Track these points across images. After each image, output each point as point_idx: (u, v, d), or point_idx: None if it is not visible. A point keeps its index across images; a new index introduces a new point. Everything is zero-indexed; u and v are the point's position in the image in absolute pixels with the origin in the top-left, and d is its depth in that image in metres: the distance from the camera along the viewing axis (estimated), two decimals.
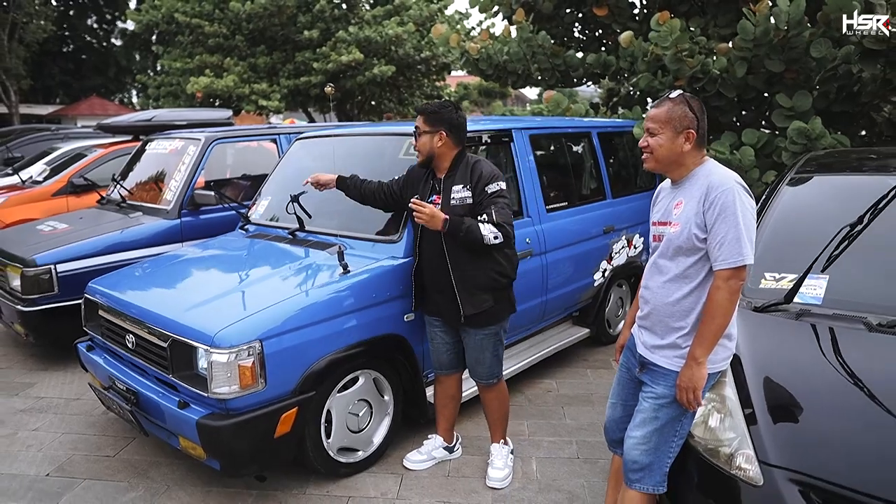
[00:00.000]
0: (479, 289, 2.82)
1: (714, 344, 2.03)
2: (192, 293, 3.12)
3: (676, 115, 2.07)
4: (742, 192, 1.99)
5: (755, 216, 2.04)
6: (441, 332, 3.06)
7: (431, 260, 2.89)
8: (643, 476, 2.14)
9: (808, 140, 4.68)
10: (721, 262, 1.98)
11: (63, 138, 10.42)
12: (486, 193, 2.77)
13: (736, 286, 1.99)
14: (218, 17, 17.57)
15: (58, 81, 29.46)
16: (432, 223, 2.66)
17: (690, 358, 2.04)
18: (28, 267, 4.23)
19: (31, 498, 2.95)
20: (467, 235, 2.68)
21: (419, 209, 2.66)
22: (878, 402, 1.95)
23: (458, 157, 2.89)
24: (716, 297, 2.00)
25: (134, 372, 3.04)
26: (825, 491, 1.79)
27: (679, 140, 2.08)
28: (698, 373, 2.02)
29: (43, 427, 3.64)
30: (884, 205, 2.48)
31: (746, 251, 1.96)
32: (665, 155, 2.10)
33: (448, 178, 2.86)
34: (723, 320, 2.01)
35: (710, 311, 2.01)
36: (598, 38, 7.24)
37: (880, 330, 2.21)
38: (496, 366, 3.00)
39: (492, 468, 3.06)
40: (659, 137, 2.09)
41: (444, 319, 3.02)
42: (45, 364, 4.61)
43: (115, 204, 5.29)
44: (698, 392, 2.03)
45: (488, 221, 2.71)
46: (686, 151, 2.09)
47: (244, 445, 2.61)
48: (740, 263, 1.96)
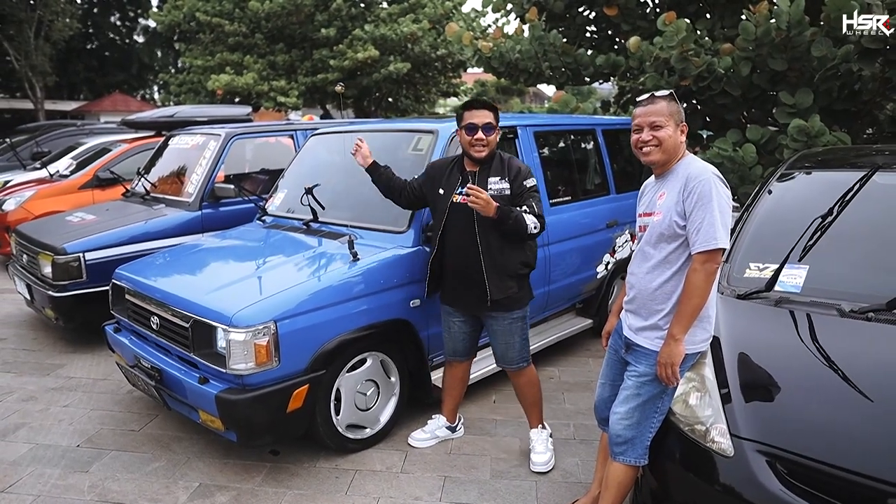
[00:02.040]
0: (507, 275, 2.99)
1: (691, 323, 2.20)
2: (212, 278, 3.34)
3: (675, 110, 2.26)
4: (718, 182, 2.17)
5: (731, 205, 2.21)
6: (459, 321, 3.20)
7: (459, 247, 3.01)
8: (626, 449, 2.33)
9: (808, 137, 4.80)
10: (698, 245, 2.15)
11: (88, 133, 10.73)
12: (526, 187, 2.97)
13: (711, 269, 2.15)
14: (238, 16, 17.91)
15: (82, 78, 30.04)
16: (487, 209, 2.79)
17: (669, 336, 2.21)
18: (59, 255, 4.48)
19: (64, 465, 3.19)
20: (515, 224, 2.85)
21: (477, 195, 2.75)
22: (844, 380, 2.10)
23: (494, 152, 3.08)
24: (693, 279, 2.17)
25: (158, 351, 3.26)
26: (790, 461, 1.94)
27: (678, 132, 2.27)
28: (676, 349, 2.19)
29: (73, 404, 3.88)
30: (853, 197, 2.64)
31: (721, 235, 2.12)
32: (671, 146, 2.27)
33: (483, 171, 3.03)
34: (699, 301, 2.17)
35: (687, 291, 2.18)
36: (609, 37, 7.37)
37: (851, 316, 2.35)
38: (525, 350, 3.14)
39: (534, 453, 3.18)
40: (666, 129, 2.25)
41: (465, 307, 3.14)
42: (74, 347, 4.87)
43: (140, 196, 5.54)
44: (676, 368, 2.20)
45: (531, 213, 2.91)
46: (682, 143, 2.28)
47: (259, 418, 2.82)
48: (714, 246, 2.12)
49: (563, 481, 3.03)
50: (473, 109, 3.00)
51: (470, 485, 3.01)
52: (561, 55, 6.49)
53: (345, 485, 3.01)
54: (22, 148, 10.76)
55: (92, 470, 3.15)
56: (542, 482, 3.03)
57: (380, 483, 3.02)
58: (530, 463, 3.16)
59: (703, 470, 2.11)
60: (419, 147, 3.69)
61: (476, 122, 2.96)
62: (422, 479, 3.06)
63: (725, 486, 2.01)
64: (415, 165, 3.59)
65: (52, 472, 3.12)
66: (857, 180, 2.74)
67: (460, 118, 3.05)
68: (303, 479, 3.07)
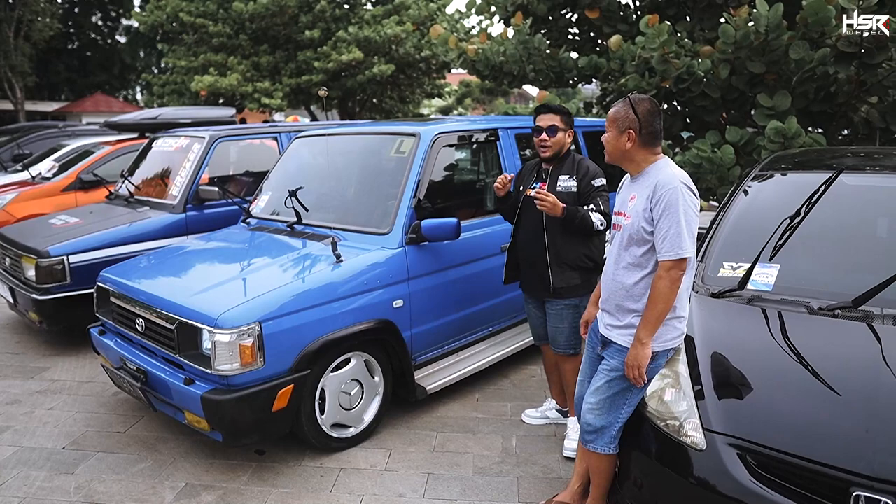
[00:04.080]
0: (570, 266, 3.17)
1: (657, 327, 2.29)
2: (197, 280, 3.36)
3: (620, 116, 2.33)
4: (686, 191, 2.25)
5: (698, 213, 2.31)
6: (533, 306, 3.43)
7: (529, 239, 3.26)
8: (596, 438, 2.44)
9: (786, 139, 4.91)
10: (664, 253, 2.24)
11: (70, 135, 10.64)
12: (594, 186, 3.16)
13: (676, 276, 2.24)
14: (222, 16, 17.85)
15: (63, 78, 29.74)
16: (553, 210, 2.98)
17: (636, 339, 2.30)
18: (42, 258, 4.47)
19: (49, 467, 3.20)
20: (581, 222, 3.04)
21: (543, 198, 2.95)
22: (813, 375, 2.18)
23: (567, 152, 3.28)
24: (658, 286, 2.26)
25: (143, 353, 3.29)
26: (760, 454, 2.01)
27: (622, 139, 2.34)
28: (642, 353, 2.29)
29: (58, 406, 3.89)
30: (821, 198, 2.74)
31: (686, 245, 2.22)
32: (611, 150, 2.40)
33: (556, 169, 3.23)
34: (664, 307, 2.26)
35: (652, 297, 2.27)
36: (591, 39, 7.46)
37: (819, 313, 2.43)
38: (573, 337, 3.27)
39: (568, 440, 3.32)
40: (607, 134, 2.39)
41: (532, 292, 3.36)
42: (58, 350, 4.86)
43: (124, 199, 5.53)
44: (642, 370, 2.30)
45: (597, 211, 3.09)
46: (629, 149, 2.35)
47: (244, 418, 2.86)
48: (680, 256, 2.21)
49: (543, 477, 3.10)
50: (542, 113, 3.24)
51: (453, 481, 3.06)
52: (545, 58, 6.57)
53: (329, 483, 3.05)
54: (2, 150, 10.65)
55: (78, 471, 3.16)
56: (523, 478, 3.09)
57: (364, 481, 3.07)
58: (563, 449, 3.30)
59: (676, 463, 2.18)
60: (402, 149, 3.74)
61: (541, 125, 3.21)
62: (405, 476, 3.11)
63: (698, 478, 2.08)
64: (398, 168, 3.64)
65: (37, 474, 3.13)
66: (825, 181, 2.84)
67: (534, 122, 3.27)
68: (288, 477, 3.10)
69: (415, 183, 3.53)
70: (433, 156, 3.66)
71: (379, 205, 3.69)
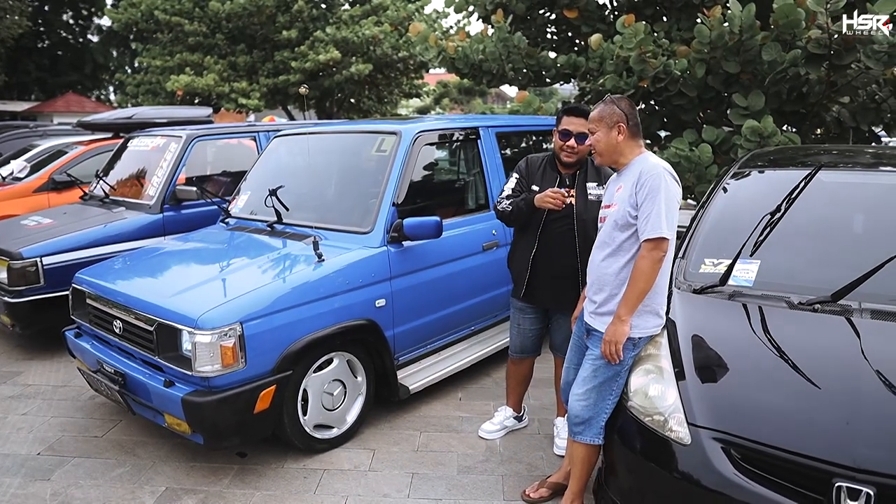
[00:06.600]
0: None
1: (636, 305, 2.37)
2: (176, 281, 3.31)
3: (607, 113, 2.44)
4: (668, 178, 2.35)
5: (679, 200, 2.38)
6: (532, 318, 3.24)
7: (556, 245, 3.04)
8: (584, 429, 2.48)
9: (761, 138, 4.98)
10: (646, 233, 2.33)
11: (42, 135, 10.43)
12: None
13: (657, 256, 2.33)
14: (198, 15, 17.63)
15: (33, 78, 29.10)
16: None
17: (616, 316, 2.38)
18: (15, 260, 4.37)
19: (24, 474, 3.12)
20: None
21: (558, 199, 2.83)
22: (793, 369, 2.20)
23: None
24: (640, 265, 2.35)
25: (121, 355, 3.22)
26: (743, 447, 2.04)
27: (613, 133, 2.43)
28: (620, 329, 2.36)
29: (32, 412, 3.80)
30: (800, 194, 2.79)
31: (664, 226, 2.31)
32: (603, 148, 2.47)
33: (582, 175, 3.07)
34: (644, 285, 2.35)
35: (634, 276, 2.36)
36: (569, 38, 7.50)
37: (799, 308, 2.47)
38: None
39: (558, 438, 3.32)
40: (597, 134, 2.46)
41: (550, 301, 3.14)
42: (32, 353, 4.76)
43: (99, 199, 5.44)
44: (619, 346, 2.37)
45: None
46: (621, 142, 2.44)
47: (226, 420, 2.82)
48: (658, 235, 2.30)
49: (528, 475, 3.10)
50: (573, 116, 2.98)
51: (438, 481, 3.05)
52: (524, 57, 6.59)
53: (313, 484, 3.02)
54: None
55: (54, 478, 3.09)
56: (508, 476, 3.09)
57: (348, 482, 3.04)
58: (554, 446, 3.32)
59: (662, 458, 2.20)
60: (383, 148, 3.72)
61: (571, 130, 2.97)
62: (390, 476, 3.09)
63: (683, 472, 2.10)
64: (379, 167, 3.62)
65: (11, 482, 3.06)
66: (803, 178, 2.88)
67: (559, 120, 3.04)
68: (271, 479, 3.07)
69: (396, 182, 3.51)
70: (414, 154, 3.65)
71: (360, 204, 3.66)
